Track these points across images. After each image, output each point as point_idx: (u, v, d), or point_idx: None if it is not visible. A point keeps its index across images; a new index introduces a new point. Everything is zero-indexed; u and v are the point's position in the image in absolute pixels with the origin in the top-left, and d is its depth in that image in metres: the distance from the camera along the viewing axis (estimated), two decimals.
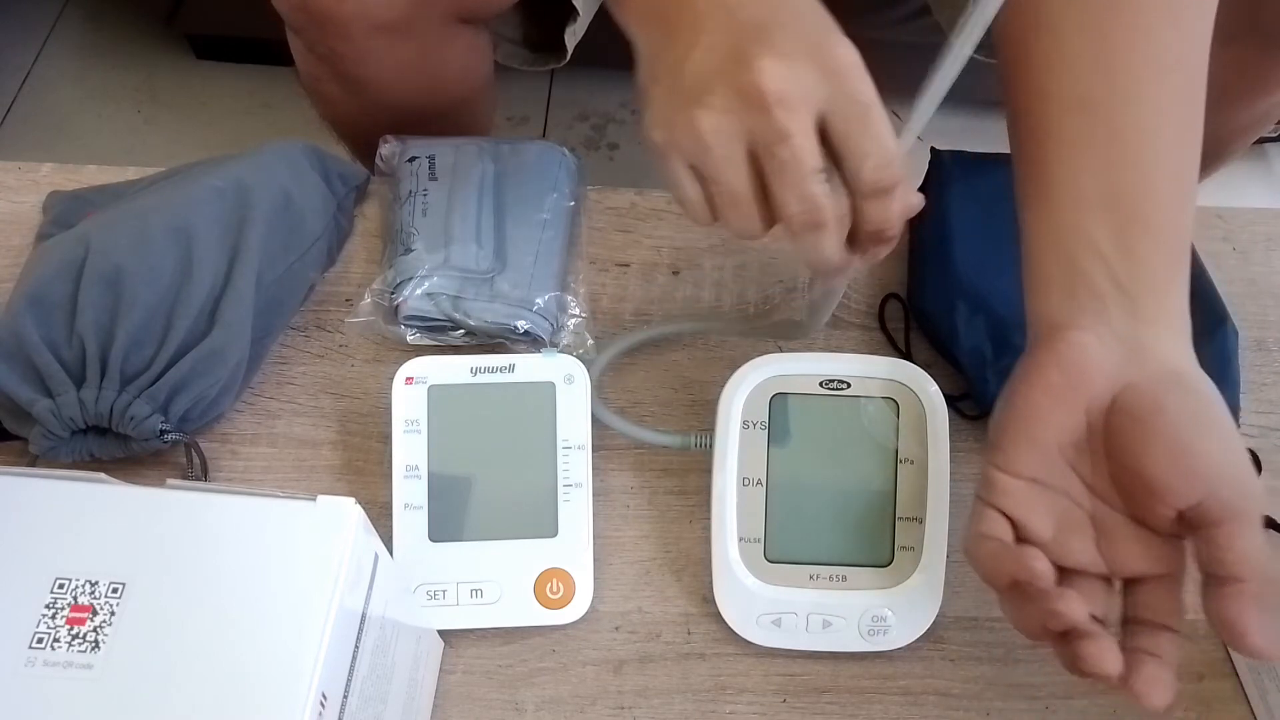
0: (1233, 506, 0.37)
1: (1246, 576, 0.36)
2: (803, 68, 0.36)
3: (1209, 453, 0.38)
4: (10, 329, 0.48)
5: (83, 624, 0.30)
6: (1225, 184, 0.81)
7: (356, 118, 0.75)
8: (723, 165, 0.38)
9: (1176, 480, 0.38)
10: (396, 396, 0.50)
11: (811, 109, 0.37)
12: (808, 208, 0.38)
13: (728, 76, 0.37)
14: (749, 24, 0.37)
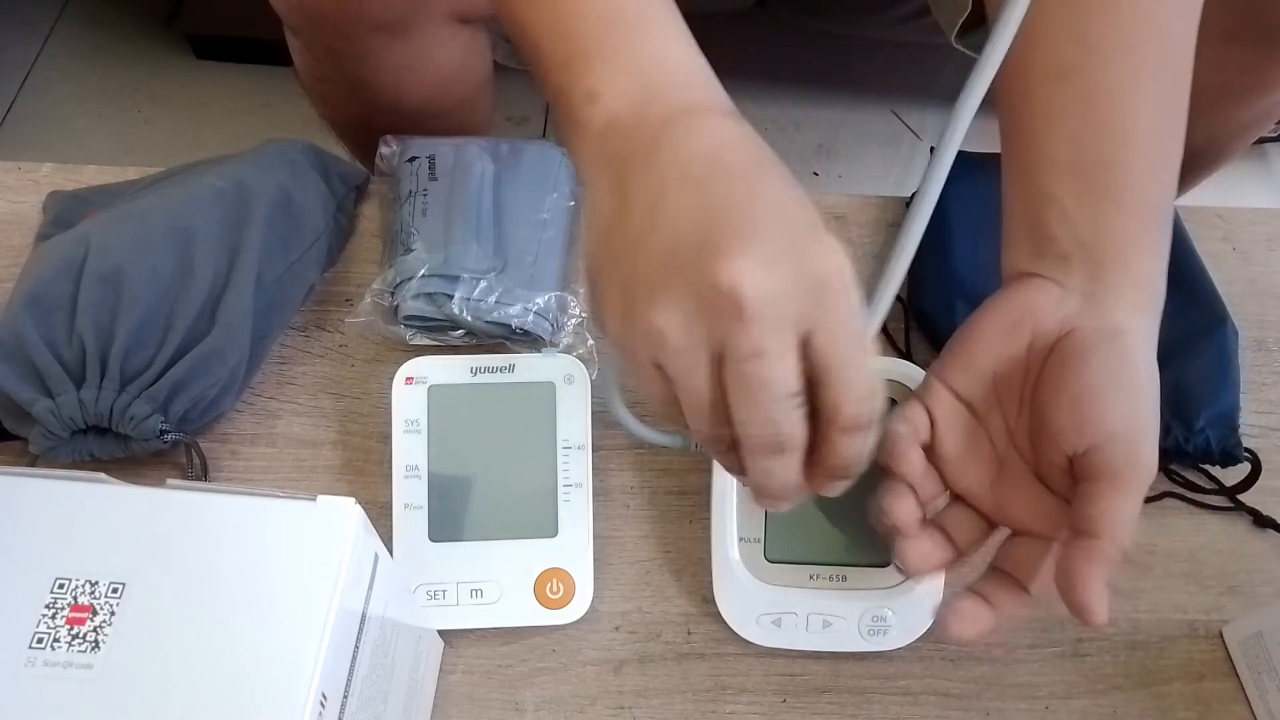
0: (1114, 467, 0.37)
1: (1102, 535, 0.36)
2: (785, 276, 0.32)
3: (1111, 410, 0.38)
4: (10, 329, 0.48)
5: (83, 624, 0.30)
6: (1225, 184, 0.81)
7: (355, 117, 0.75)
8: (687, 375, 0.33)
9: (1071, 425, 0.38)
10: (396, 396, 0.50)
11: (793, 326, 0.32)
12: (773, 432, 0.33)
13: (697, 274, 0.31)
14: (724, 209, 0.33)
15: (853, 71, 1.38)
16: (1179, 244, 0.59)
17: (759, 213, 0.33)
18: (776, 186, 0.35)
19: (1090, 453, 0.38)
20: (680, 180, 0.34)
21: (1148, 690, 0.49)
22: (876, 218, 0.64)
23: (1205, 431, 0.52)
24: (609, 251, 0.35)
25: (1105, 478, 0.37)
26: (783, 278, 0.32)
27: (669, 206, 0.33)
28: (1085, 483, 0.38)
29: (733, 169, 0.34)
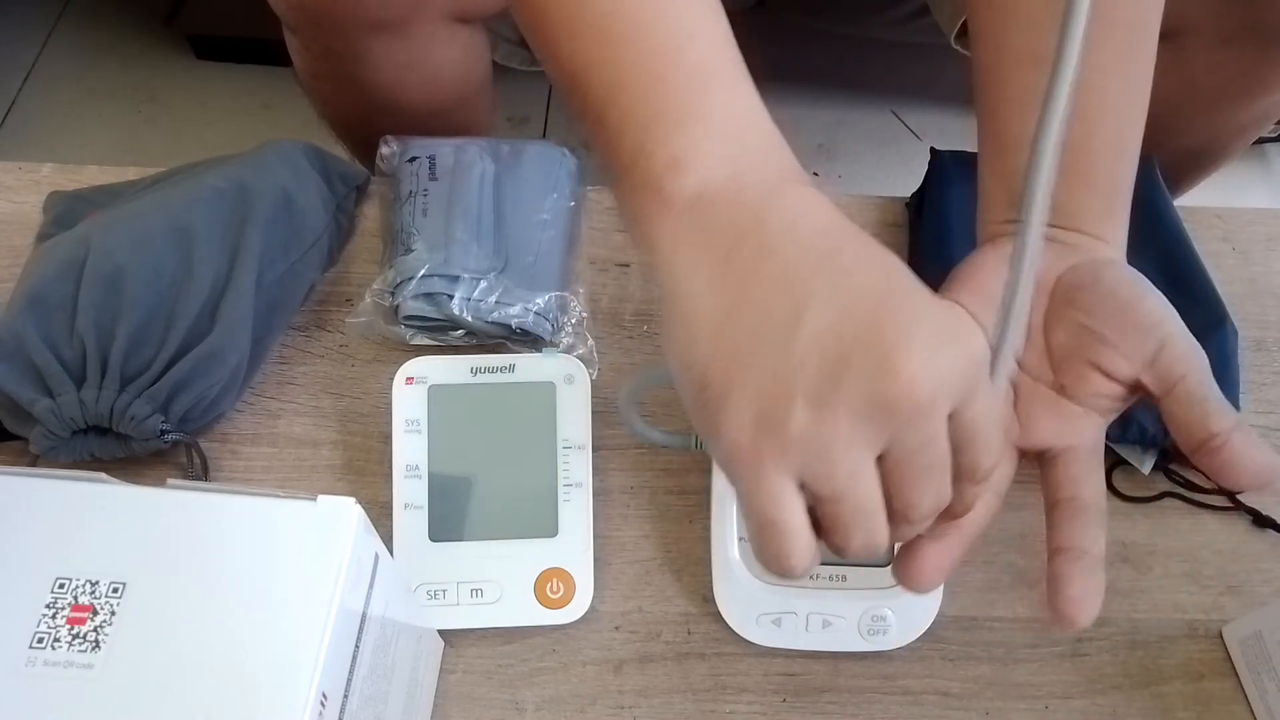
0: (1191, 355, 0.38)
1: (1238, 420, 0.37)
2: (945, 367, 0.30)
3: (1153, 308, 0.40)
4: (10, 329, 0.48)
5: (83, 624, 0.30)
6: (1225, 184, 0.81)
7: (354, 117, 0.75)
8: (852, 480, 0.30)
9: (1131, 331, 0.39)
10: (397, 396, 0.50)
11: (949, 407, 0.31)
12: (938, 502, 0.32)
13: (871, 375, 0.29)
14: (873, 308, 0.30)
15: (853, 71, 1.38)
16: (1179, 244, 0.59)
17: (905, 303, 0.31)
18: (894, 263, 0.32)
19: (1162, 351, 0.38)
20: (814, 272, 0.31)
21: (1147, 690, 0.49)
22: (876, 218, 0.64)
23: None
24: (731, 349, 0.31)
25: (1191, 368, 0.38)
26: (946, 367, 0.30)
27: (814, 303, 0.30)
28: (1176, 384, 0.38)
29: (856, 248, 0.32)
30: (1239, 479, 0.37)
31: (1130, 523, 0.53)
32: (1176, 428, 0.38)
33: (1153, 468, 0.53)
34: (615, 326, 0.59)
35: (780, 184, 0.33)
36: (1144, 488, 0.54)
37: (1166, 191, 0.61)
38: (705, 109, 0.34)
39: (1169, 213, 0.60)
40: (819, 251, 0.31)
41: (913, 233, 0.62)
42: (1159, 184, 0.61)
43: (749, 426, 0.30)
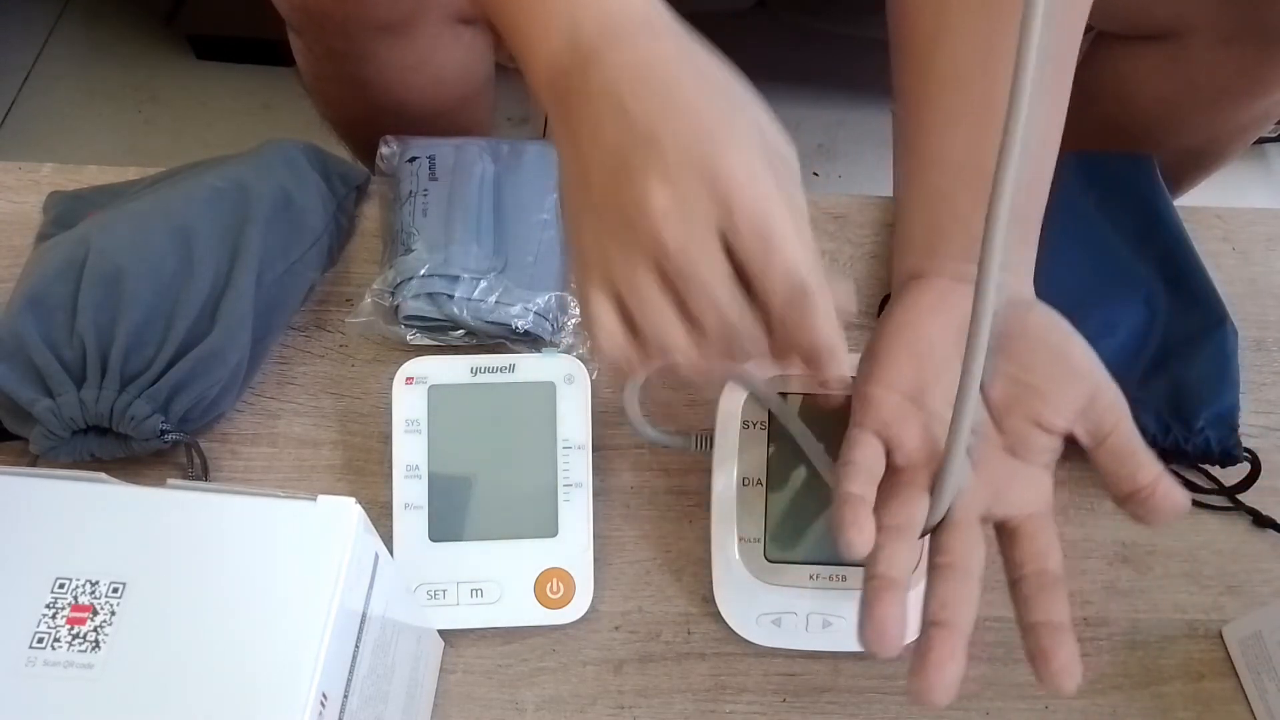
0: (1120, 405, 0.39)
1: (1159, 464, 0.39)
2: (691, 185, 0.34)
3: (1082, 358, 0.40)
4: (10, 329, 0.48)
5: (83, 624, 0.30)
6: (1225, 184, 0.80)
7: (357, 117, 0.75)
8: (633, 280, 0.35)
9: (1065, 381, 0.40)
10: (397, 396, 0.50)
11: (706, 226, 0.34)
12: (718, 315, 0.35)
13: (623, 203, 0.35)
14: (643, 136, 0.35)
15: (853, 71, 1.37)
16: (1179, 244, 0.59)
17: (672, 128, 0.35)
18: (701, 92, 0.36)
19: (1094, 402, 0.39)
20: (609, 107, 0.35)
21: (1147, 690, 0.49)
22: (876, 218, 0.64)
23: (1205, 431, 0.52)
24: (566, 198, 0.38)
25: (1121, 418, 0.39)
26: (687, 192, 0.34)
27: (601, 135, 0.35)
28: (1107, 435, 0.39)
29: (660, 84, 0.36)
30: (1158, 521, 0.39)
31: (1130, 523, 0.53)
32: (1107, 478, 0.40)
33: None
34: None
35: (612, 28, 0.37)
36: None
37: (1166, 191, 0.61)
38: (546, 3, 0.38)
39: (1169, 213, 0.60)
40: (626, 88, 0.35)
41: None
42: (1159, 184, 0.61)
43: (573, 242, 0.38)
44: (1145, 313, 0.56)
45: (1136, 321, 0.56)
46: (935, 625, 0.37)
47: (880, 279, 0.61)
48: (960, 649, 0.37)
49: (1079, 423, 0.40)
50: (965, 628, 0.37)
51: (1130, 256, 0.58)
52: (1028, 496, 0.41)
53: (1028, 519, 0.41)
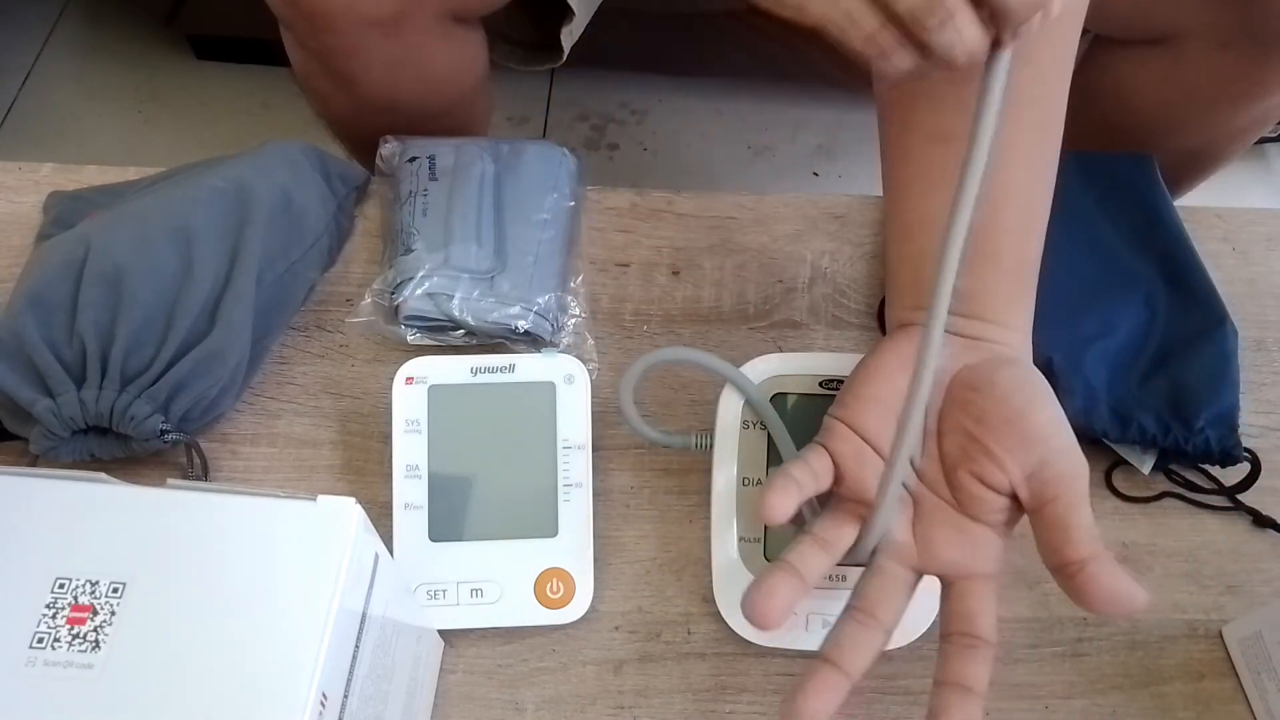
0: (1069, 478, 0.39)
1: (1101, 548, 0.38)
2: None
3: (1041, 421, 0.40)
4: (10, 329, 0.48)
5: (83, 624, 0.30)
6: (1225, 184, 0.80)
7: (350, 115, 0.75)
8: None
9: (1014, 444, 0.39)
10: (397, 396, 0.50)
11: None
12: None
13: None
14: None
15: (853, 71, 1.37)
16: (1179, 244, 0.59)
17: None
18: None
19: (1042, 469, 0.39)
20: None
21: (1147, 690, 0.49)
22: (876, 218, 0.64)
23: (1205, 431, 0.52)
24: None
25: (1067, 489, 0.39)
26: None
27: None
28: (1048, 503, 0.39)
29: None
30: (1090, 604, 0.38)
31: (1130, 523, 0.53)
32: (1039, 545, 0.40)
33: (1152, 468, 0.53)
34: (615, 326, 0.59)
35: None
36: (1144, 488, 0.54)
37: (1166, 191, 0.61)
38: None
39: (1169, 213, 0.60)
40: None
41: None
42: (1159, 184, 0.61)
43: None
44: (1145, 312, 0.56)
45: (1136, 321, 0.56)
46: (824, 661, 0.39)
47: (880, 279, 0.61)
48: (840, 689, 0.39)
49: (1022, 486, 0.40)
50: (853, 672, 0.39)
51: (1130, 256, 0.58)
52: (968, 556, 0.41)
53: (965, 579, 0.41)
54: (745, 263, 0.61)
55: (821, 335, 0.59)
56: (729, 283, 0.61)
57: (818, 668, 0.39)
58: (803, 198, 0.65)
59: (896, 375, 0.42)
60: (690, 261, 0.61)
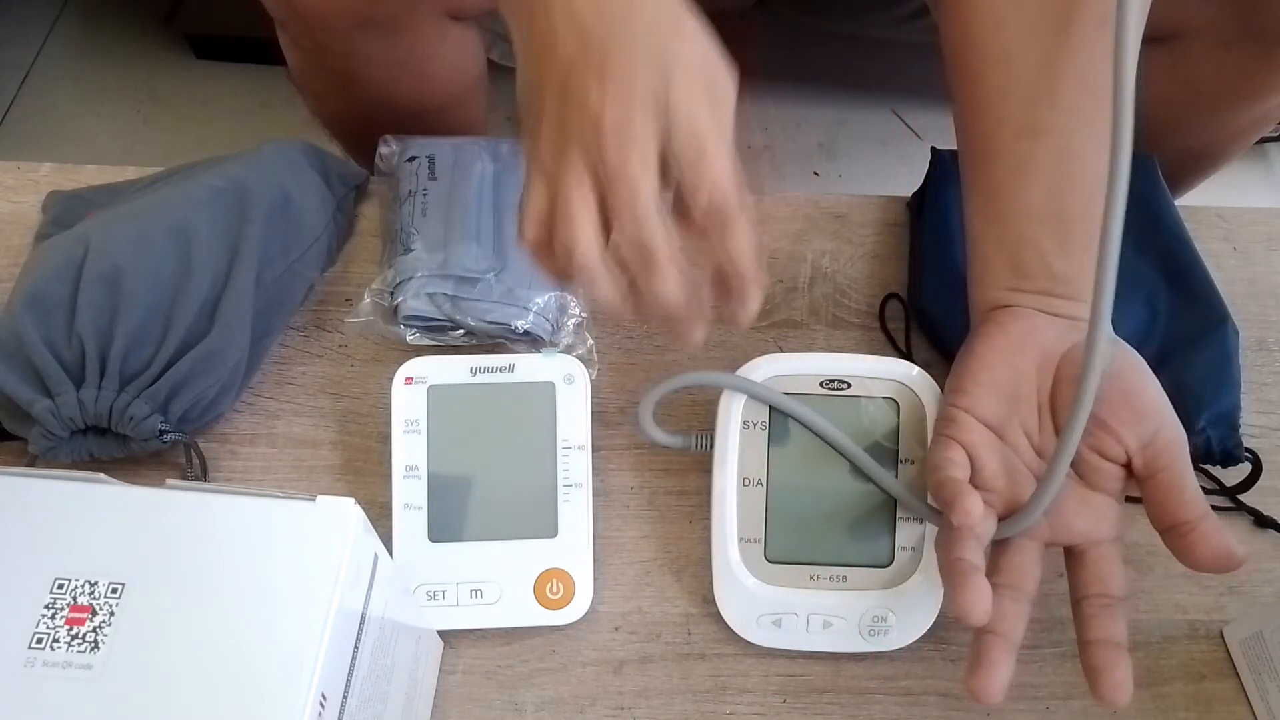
0: (1179, 446, 0.43)
1: (1207, 508, 0.42)
2: (637, 100, 0.36)
3: (1152, 395, 0.44)
4: (9, 329, 0.48)
5: (82, 624, 0.30)
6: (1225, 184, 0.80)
7: (346, 114, 0.75)
8: (561, 180, 0.37)
9: (1130, 418, 0.43)
10: (396, 396, 0.50)
11: (649, 145, 0.36)
12: (642, 245, 0.37)
13: (572, 109, 0.37)
14: (595, 38, 0.37)
15: (853, 71, 1.38)
16: (1179, 243, 0.59)
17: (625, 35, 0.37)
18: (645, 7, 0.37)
19: (1155, 438, 0.43)
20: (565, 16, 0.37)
21: (1148, 690, 0.49)
22: (876, 218, 0.64)
23: (1206, 431, 0.52)
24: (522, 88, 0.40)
25: (1178, 457, 0.43)
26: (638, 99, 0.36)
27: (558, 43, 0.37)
28: (1161, 471, 0.43)
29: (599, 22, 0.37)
30: (1199, 562, 0.42)
31: (1131, 523, 0.53)
32: (1153, 509, 0.43)
33: None
34: (615, 326, 0.59)
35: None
36: None
37: (1167, 191, 0.61)
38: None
39: (1169, 212, 0.60)
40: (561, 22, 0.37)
41: (913, 232, 0.62)
42: (1160, 184, 0.61)
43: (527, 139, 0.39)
44: (1146, 312, 0.56)
45: (1137, 322, 0.56)
46: (990, 634, 0.41)
47: (881, 279, 0.61)
48: (1011, 656, 0.41)
49: (1138, 456, 0.43)
50: (1015, 639, 0.42)
51: (1131, 256, 0.58)
52: (1094, 524, 0.44)
53: (1092, 546, 0.44)
54: None
55: (822, 335, 0.59)
56: None
57: (990, 641, 0.41)
58: (803, 198, 0.65)
59: (1013, 357, 0.45)
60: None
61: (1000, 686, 0.40)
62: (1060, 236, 0.46)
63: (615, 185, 0.36)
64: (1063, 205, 0.46)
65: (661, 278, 0.38)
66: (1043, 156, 0.46)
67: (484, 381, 0.51)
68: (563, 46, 0.37)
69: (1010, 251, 0.47)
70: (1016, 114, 0.47)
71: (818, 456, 0.49)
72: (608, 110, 0.36)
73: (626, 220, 0.37)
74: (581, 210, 0.37)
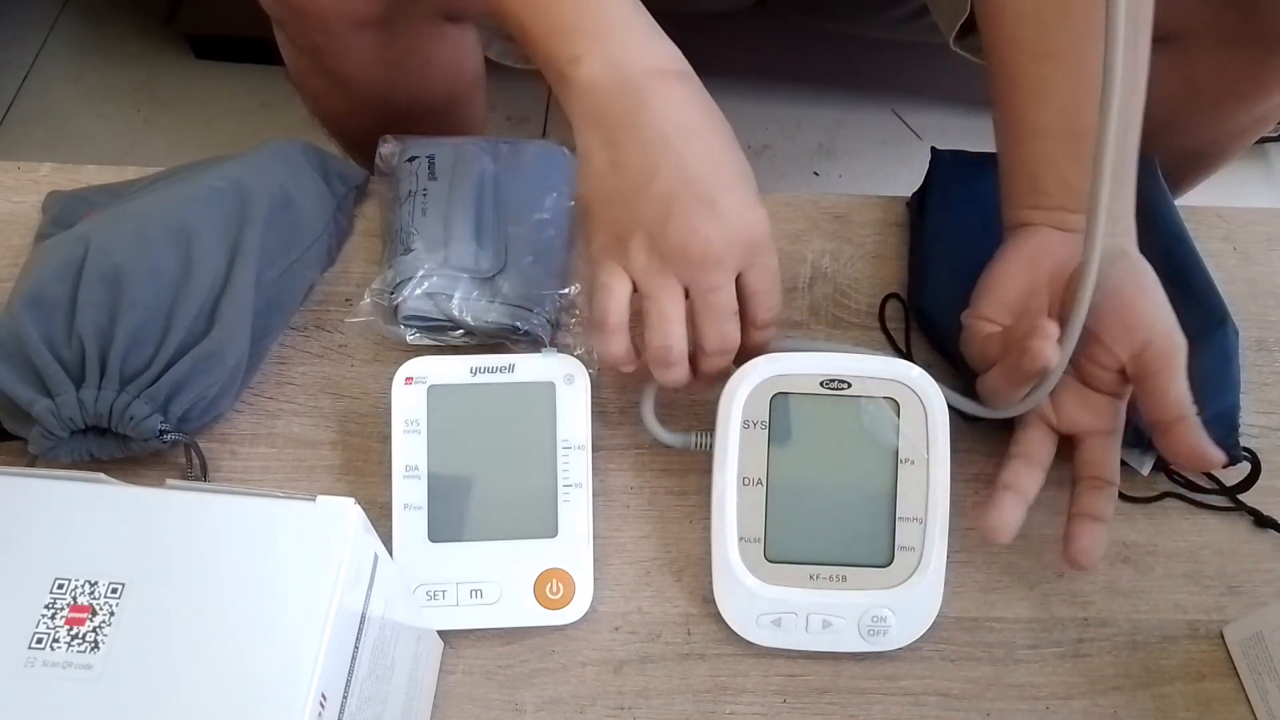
0: (1167, 355, 0.46)
1: (1189, 412, 0.46)
2: (735, 239, 0.45)
3: (1146, 311, 0.47)
4: (10, 329, 0.48)
5: (82, 624, 0.30)
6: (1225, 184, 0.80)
7: (343, 113, 0.75)
8: (660, 290, 0.45)
9: (1122, 331, 0.47)
10: (396, 396, 0.50)
11: (735, 270, 0.46)
12: (724, 339, 0.47)
13: (680, 229, 0.44)
14: (697, 185, 0.45)
15: (853, 71, 1.38)
16: (1180, 243, 0.59)
17: (721, 185, 0.45)
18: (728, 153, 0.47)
19: (1145, 349, 0.46)
20: (663, 148, 0.45)
21: (1148, 691, 0.49)
22: (876, 218, 0.64)
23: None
24: (604, 197, 0.46)
25: (1165, 366, 0.46)
26: (733, 240, 0.45)
27: (660, 171, 0.45)
28: (1148, 378, 0.47)
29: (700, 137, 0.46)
30: (1174, 458, 0.47)
31: (1131, 523, 0.53)
32: (1142, 407, 0.48)
33: (1152, 468, 0.53)
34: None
35: (653, 74, 0.46)
36: (1144, 488, 0.54)
37: (1167, 191, 0.61)
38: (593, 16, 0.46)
39: (1170, 212, 0.60)
40: (673, 133, 0.45)
41: (913, 231, 0.62)
42: (1160, 184, 0.61)
43: (608, 240, 0.47)
44: None
45: None
46: (1004, 488, 0.48)
47: (881, 279, 0.61)
48: (1021, 508, 0.47)
49: (1129, 364, 0.47)
50: (1028, 494, 0.48)
51: None
52: (1091, 417, 0.49)
53: (1091, 435, 0.49)
54: None
55: (822, 335, 0.59)
56: None
57: (1005, 494, 0.48)
58: (803, 198, 0.65)
59: (1026, 273, 0.50)
60: None
61: (1009, 527, 0.47)
62: (1074, 153, 0.49)
63: (710, 296, 0.46)
64: (1076, 123, 0.49)
65: (727, 361, 0.49)
66: (1057, 78, 0.50)
67: (484, 381, 0.51)
68: (663, 178, 0.44)
69: (1029, 170, 0.51)
70: (1032, 38, 0.51)
71: (818, 456, 0.49)
72: (713, 243, 0.44)
73: (714, 321, 0.46)
74: (678, 316, 0.46)
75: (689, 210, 0.44)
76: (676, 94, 0.46)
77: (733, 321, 0.47)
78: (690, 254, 0.45)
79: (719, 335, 0.47)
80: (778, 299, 0.49)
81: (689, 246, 0.44)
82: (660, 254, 0.45)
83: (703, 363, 0.48)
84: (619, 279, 0.46)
